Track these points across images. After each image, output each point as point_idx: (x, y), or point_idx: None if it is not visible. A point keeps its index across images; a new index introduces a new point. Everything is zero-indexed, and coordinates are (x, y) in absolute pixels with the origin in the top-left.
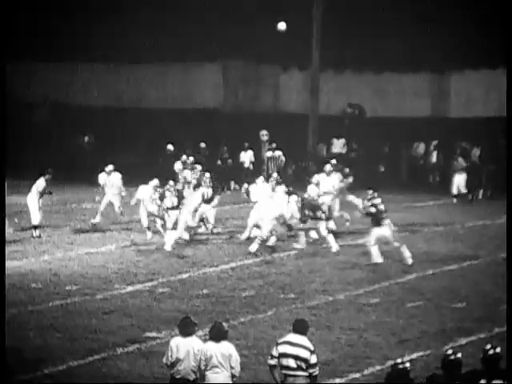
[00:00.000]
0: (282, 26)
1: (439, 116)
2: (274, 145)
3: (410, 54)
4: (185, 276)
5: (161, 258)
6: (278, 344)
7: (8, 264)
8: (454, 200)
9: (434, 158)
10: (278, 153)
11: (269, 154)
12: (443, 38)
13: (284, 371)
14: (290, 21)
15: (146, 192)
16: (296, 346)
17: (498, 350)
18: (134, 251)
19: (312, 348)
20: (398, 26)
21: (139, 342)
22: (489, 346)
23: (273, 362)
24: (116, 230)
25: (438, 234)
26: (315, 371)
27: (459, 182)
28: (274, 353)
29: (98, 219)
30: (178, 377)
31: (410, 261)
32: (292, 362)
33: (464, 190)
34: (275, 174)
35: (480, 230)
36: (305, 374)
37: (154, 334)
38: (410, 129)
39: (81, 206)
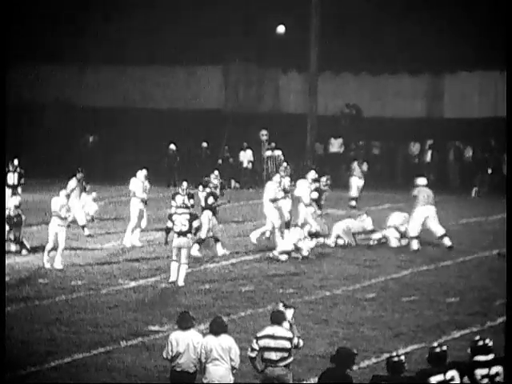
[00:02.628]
0: (280, 29)
1: (434, 116)
2: (273, 144)
3: (406, 56)
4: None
5: (163, 254)
6: (258, 338)
7: (16, 260)
8: (354, 203)
9: (428, 157)
10: (278, 152)
11: (268, 153)
12: (438, 40)
13: (265, 363)
14: (289, 24)
15: (136, 184)
16: (278, 338)
17: (488, 341)
18: (137, 247)
19: (291, 335)
20: (393, 28)
21: (142, 335)
22: (478, 337)
23: (253, 354)
24: (120, 227)
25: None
26: (300, 344)
27: (358, 185)
28: (255, 346)
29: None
30: (178, 370)
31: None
32: (273, 355)
33: (356, 195)
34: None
35: (474, 227)
36: (284, 363)
37: (156, 328)
38: (406, 129)
39: None
